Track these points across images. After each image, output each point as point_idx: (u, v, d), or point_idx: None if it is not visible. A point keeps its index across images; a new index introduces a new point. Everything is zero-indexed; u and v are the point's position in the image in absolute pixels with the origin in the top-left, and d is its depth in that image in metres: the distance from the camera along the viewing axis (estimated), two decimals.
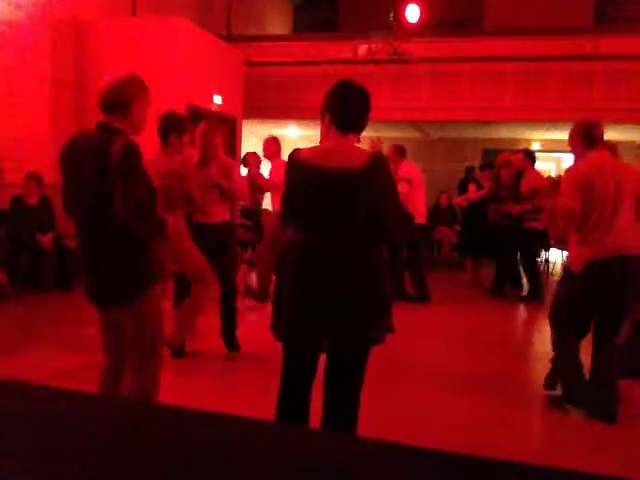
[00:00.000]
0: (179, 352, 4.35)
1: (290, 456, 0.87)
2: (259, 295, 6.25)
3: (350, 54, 9.24)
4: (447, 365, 4.61)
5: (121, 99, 2.49)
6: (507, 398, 3.90)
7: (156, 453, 0.88)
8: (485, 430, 3.36)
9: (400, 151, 6.70)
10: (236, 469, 0.83)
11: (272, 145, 6.23)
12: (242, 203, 6.81)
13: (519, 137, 12.30)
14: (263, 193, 7.03)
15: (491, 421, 3.52)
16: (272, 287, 2.64)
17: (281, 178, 2.65)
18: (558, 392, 3.81)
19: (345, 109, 2.34)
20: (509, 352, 5.06)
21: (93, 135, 2.48)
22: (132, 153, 2.39)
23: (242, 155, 7.39)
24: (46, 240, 6.48)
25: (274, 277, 2.47)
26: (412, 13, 9.93)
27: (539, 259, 8.43)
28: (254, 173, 6.54)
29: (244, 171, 6.73)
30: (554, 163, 13.43)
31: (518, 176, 6.94)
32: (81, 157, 2.45)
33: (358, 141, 2.42)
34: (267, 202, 7.13)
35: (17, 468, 0.84)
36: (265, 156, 6.39)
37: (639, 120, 8.88)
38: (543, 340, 4.94)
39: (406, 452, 0.86)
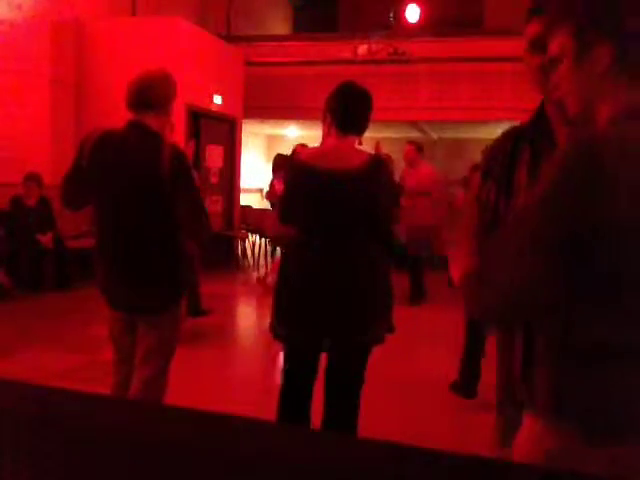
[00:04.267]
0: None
1: (290, 456, 0.86)
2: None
3: (350, 54, 9.23)
4: (446, 364, 4.60)
5: (158, 97, 2.34)
6: None
7: (156, 453, 0.88)
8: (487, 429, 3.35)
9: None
10: (236, 469, 0.83)
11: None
12: None
13: None
14: None
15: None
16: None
17: None
18: None
19: (345, 110, 2.34)
20: None
21: (130, 138, 2.33)
22: (183, 158, 2.34)
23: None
24: (46, 240, 6.47)
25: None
26: (412, 13, 9.96)
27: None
28: None
29: None
30: None
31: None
32: (122, 163, 2.31)
33: (360, 142, 2.42)
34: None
35: (17, 468, 0.84)
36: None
37: None
38: None
39: (406, 452, 0.86)
